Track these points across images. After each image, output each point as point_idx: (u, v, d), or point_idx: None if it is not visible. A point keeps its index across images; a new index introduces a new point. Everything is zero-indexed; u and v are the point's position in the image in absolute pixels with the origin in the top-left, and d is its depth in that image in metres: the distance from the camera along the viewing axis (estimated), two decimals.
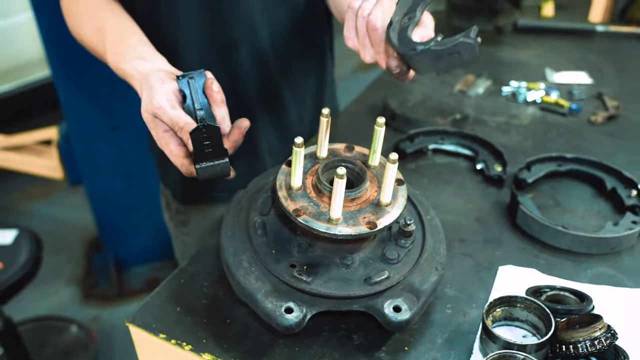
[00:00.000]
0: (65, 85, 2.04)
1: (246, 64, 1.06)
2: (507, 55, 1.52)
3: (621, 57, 1.49)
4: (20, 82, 2.93)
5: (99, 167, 2.22)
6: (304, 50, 1.15)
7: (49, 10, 1.88)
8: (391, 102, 1.24)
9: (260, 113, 1.13)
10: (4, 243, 1.75)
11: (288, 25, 1.08)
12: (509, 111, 1.26)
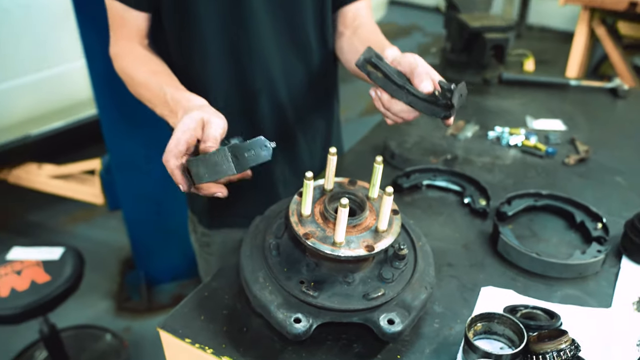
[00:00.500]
0: (109, 123, 2.08)
1: (265, 110, 1.10)
2: (493, 104, 1.54)
3: (591, 107, 1.50)
4: (72, 119, 2.98)
5: (134, 195, 2.25)
6: (315, 98, 1.18)
7: (99, 59, 1.94)
8: (391, 143, 1.27)
9: (277, 151, 1.16)
10: (52, 259, 1.77)
11: (302, 77, 1.12)
12: (494, 153, 1.28)
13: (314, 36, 1.10)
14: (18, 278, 1.71)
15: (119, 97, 2.01)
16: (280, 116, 1.12)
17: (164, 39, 1.07)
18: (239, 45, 1.02)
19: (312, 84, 1.15)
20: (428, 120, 1.41)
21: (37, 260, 1.78)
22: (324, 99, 1.22)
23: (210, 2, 0.98)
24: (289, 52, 1.07)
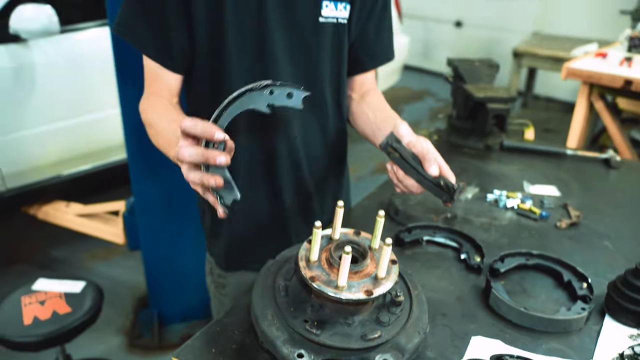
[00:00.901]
0: (136, 167, 2.18)
1: (284, 165, 1.17)
2: (493, 168, 1.60)
3: (585, 176, 1.56)
4: (100, 162, 3.09)
5: (154, 236, 2.32)
6: (328, 156, 1.26)
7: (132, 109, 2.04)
8: (396, 200, 1.33)
9: (291, 204, 1.23)
10: (74, 291, 1.83)
11: (318, 136, 1.21)
12: (491, 214, 1.34)
13: (331, 99, 1.19)
14: (41, 308, 1.76)
15: (147, 145, 2.10)
16: (296, 171, 1.20)
17: (194, 95, 1.17)
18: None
19: (326, 142, 1.23)
20: None
21: (60, 292, 1.84)
22: (337, 156, 1.30)
23: (241, 67, 1.07)
24: (307, 113, 1.16)
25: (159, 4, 1.02)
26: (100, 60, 2.89)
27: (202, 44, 1.07)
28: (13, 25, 2.55)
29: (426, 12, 6.62)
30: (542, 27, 5.71)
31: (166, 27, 1.04)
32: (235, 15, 1.04)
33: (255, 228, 1.23)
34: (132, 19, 1.05)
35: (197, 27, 1.05)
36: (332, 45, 1.14)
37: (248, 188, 1.18)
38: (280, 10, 1.06)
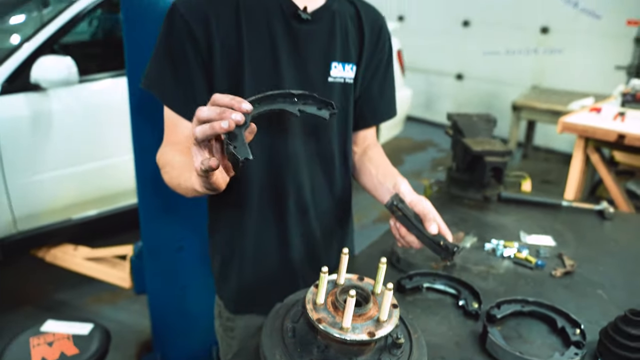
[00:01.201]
0: (147, 212, 2.24)
1: (292, 212, 1.24)
2: (491, 219, 1.66)
3: (580, 226, 1.61)
4: (110, 207, 3.16)
5: (162, 280, 2.35)
6: (334, 205, 1.33)
7: (147, 156, 2.13)
8: (397, 249, 1.38)
9: (299, 251, 1.29)
10: (82, 333, 1.87)
11: (325, 187, 1.28)
12: (489, 262, 1.39)
13: (338, 153, 1.28)
14: (49, 349, 1.79)
15: (158, 190, 2.18)
16: (304, 219, 1.26)
17: None
18: (276, 156, 1.19)
19: (333, 192, 1.31)
20: None
21: (68, 334, 1.87)
22: (342, 206, 1.37)
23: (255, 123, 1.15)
24: (315, 165, 1.24)
25: (184, 63, 1.11)
26: (113, 109, 3.00)
27: None
28: (34, 76, 2.66)
29: (428, 65, 6.82)
30: (541, 81, 5.87)
31: (189, 83, 1.13)
32: (253, 73, 1.13)
33: (264, 273, 1.29)
34: (158, 75, 1.14)
35: (218, 83, 1.14)
36: (340, 103, 1.23)
37: (258, 234, 1.25)
38: (293, 69, 1.16)
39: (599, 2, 5.33)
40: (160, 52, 1.13)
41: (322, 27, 1.18)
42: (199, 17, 1.10)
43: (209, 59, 1.12)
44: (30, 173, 2.78)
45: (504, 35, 6.07)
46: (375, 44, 1.28)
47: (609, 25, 5.30)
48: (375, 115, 1.35)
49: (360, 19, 1.25)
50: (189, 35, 1.10)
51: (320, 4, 1.18)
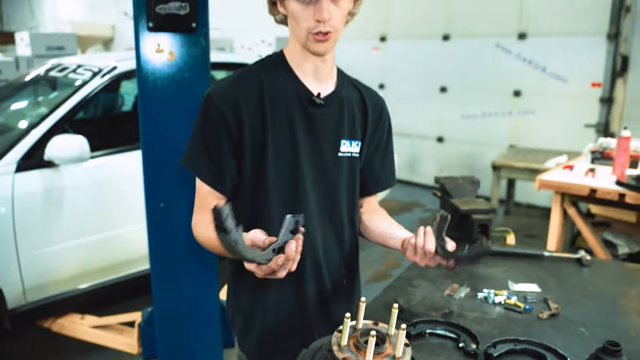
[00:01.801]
0: (159, 279, 2.36)
1: (308, 270, 1.40)
2: (481, 271, 1.81)
3: (561, 274, 1.77)
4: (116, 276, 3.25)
5: (172, 345, 2.44)
6: (344, 265, 1.50)
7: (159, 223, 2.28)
8: (400, 301, 1.52)
9: (313, 305, 1.44)
10: None
11: (336, 247, 1.45)
12: (482, 309, 1.53)
13: (346, 218, 1.45)
14: None
15: (171, 259, 2.32)
16: (318, 276, 1.42)
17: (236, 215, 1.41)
18: None
19: (342, 253, 1.47)
20: (429, 285, 1.68)
21: None
22: (350, 264, 1.53)
23: (277, 194, 1.33)
24: (327, 230, 1.42)
25: (217, 146, 1.31)
26: (121, 182, 3.16)
27: (247, 175, 1.34)
28: (48, 153, 2.83)
29: (410, 129, 7.12)
30: (517, 140, 6.18)
31: (220, 162, 1.32)
32: (275, 151, 1.33)
33: (284, 326, 1.43)
34: (195, 155, 1.34)
35: (245, 158, 1.33)
36: (348, 174, 1.43)
37: (278, 293, 1.40)
38: (309, 146, 1.36)
39: (565, 67, 5.72)
40: (197, 135, 1.33)
41: (333, 110, 1.38)
42: (230, 103, 1.30)
43: (238, 137, 1.31)
44: (41, 245, 2.89)
45: (480, 99, 6.43)
46: (377, 123, 1.49)
47: (575, 87, 5.67)
48: (377, 185, 1.55)
49: (364, 102, 1.46)
50: (222, 121, 1.29)
51: (331, 90, 1.39)
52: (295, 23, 1.27)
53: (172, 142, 2.20)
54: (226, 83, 1.34)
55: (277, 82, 1.34)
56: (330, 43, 1.28)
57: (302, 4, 1.24)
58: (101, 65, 3.37)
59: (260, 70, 1.36)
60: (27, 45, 7.23)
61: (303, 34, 1.27)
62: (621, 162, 2.90)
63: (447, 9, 6.58)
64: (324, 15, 1.22)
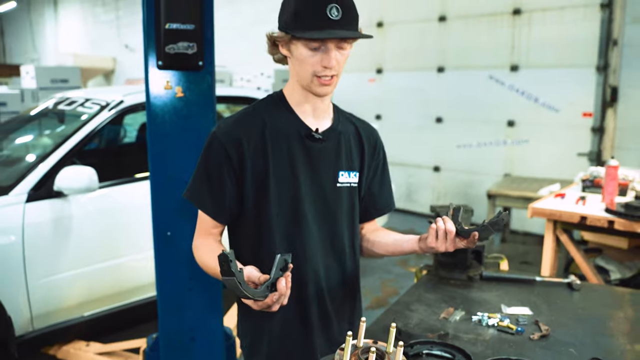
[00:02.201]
0: (165, 305, 2.43)
1: (311, 295, 1.49)
2: (475, 295, 1.88)
3: (552, 297, 1.84)
4: (121, 303, 3.31)
5: None
6: (345, 288, 1.59)
7: (164, 252, 2.36)
8: (398, 323, 1.60)
9: (317, 326, 1.53)
10: None
11: (338, 273, 1.55)
12: (476, 331, 1.60)
13: (347, 244, 1.55)
14: None
15: (177, 285, 2.39)
16: (320, 299, 1.51)
17: (238, 243, 1.50)
18: (299, 252, 1.46)
19: (344, 277, 1.57)
20: (426, 309, 1.76)
21: None
22: (351, 288, 1.62)
23: (279, 223, 1.43)
24: (329, 256, 1.52)
25: (218, 180, 1.42)
26: (127, 211, 3.25)
27: (250, 207, 1.45)
28: (58, 184, 2.92)
29: (407, 159, 7.25)
30: (512, 169, 6.30)
31: (222, 195, 1.43)
32: (277, 184, 1.43)
33: (288, 345, 1.51)
34: (197, 189, 1.45)
35: (247, 192, 1.43)
36: (347, 204, 1.53)
37: (283, 314, 1.47)
38: (309, 179, 1.46)
39: (556, 98, 5.88)
40: (200, 171, 1.44)
41: (330, 144, 1.49)
42: (234, 141, 1.41)
43: (240, 173, 1.42)
44: (49, 273, 2.96)
45: (475, 129, 6.57)
46: (372, 154, 1.60)
47: (567, 117, 5.82)
48: (377, 210, 1.67)
49: (360, 135, 1.57)
50: (224, 157, 1.41)
51: (328, 125, 1.51)
52: (301, 66, 1.36)
53: (179, 174, 2.31)
54: (231, 122, 1.44)
55: (278, 120, 1.44)
56: (332, 86, 1.38)
57: (310, 51, 1.32)
58: (108, 99, 3.50)
59: (262, 109, 1.46)
60: (32, 78, 7.40)
61: (308, 77, 1.36)
62: (610, 190, 3.00)
63: (441, 42, 6.78)
64: (331, 63, 1.31)
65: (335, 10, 1.28)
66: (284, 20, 1.34)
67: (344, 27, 1.29)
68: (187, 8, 2.13)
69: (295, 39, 1.32)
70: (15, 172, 3.08)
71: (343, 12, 1.28)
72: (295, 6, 1.30)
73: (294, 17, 1.30)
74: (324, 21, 1.27)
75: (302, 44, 1.32)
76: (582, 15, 5.60)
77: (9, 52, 19.18)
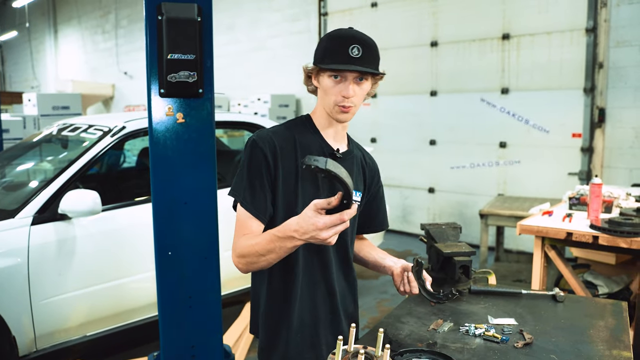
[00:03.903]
0: (165, 325, 2.50)
1: (323, 294, 1.72)
2: (464, 307, 1.96)
3: (536, 309, 1.93)
4: (122, 323, 3.38)
5: None
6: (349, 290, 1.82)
7: (166, 270, 2.44)
8: (389, 334, 1.69)
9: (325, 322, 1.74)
10: None
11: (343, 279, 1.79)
12: (464, 340, 1.68)
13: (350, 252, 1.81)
14: None
15: (176, 304, 2.47)
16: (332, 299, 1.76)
17: None
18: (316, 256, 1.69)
19: (348, 284, 1.81)
20: (416, 321, 1.84)
21: None
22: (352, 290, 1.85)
23: None
24: (338, 265, 1.77)
25: (259, 181, 1.59)
26: (129, 233, 3.34)
27: (280, 211, 1.63)
28: (62, 207, 3.02)
29: (403, 181, 7.36)
30: (505, 189, 6.41)
31: (262, 194, 1.60)
32: (302, 194, 1.64)
33: (302, 340, 1.71)
34: (240, 187, 1.61)
35: (278, 200, 1.63)
36: (353, 219, 1.76)
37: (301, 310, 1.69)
38: (328, 192, 1.67)
39: (546, 119, 6.03)
40: (243, 174, 1.61)
41: (347, 164, 1.72)
42: (272, 147, 1.60)
43: (275, 178, 1.61)
44: (52, 294, 3.03)
45: (468, 151, 6.70)
46: (372, 179, 1.86)
47: (557, 138, 5.96)
48: (370, 228, 1.92)
49: (365, 161, 1.83)
50: (264, 161, 1.59)
51: (345, 149, 1.76)
52: (325, 95, 1.61)
53: (179, 195, 2.41)
54: (268, 133, 1.64)
55: (306, 137, 1.68)
56: (350, 114, 1.61)
57: (333, 81, 1.57)
58: (110, 125, 3.61)
59: (292, 127, 1.70)
60: (34, 105, 7.54)
61: (331, 104, 1.60)
62: (594, 207, 3.11)
63: (433, 66, 6.95)
64: (349, 93, 1.55)
65: (356, 50, 1.53)
66: (316, 55, 1.61)
67: (363, 65, 1.54)
68: (187, 39, 2.25)
69: (322, 70, 1.58)
70: (21, 195, 3.18)
71: (363, 52, 1.54)
72: (326, 44, 1.58)
73: (323, 53, 1.57)
74: (346, 58, 1.53)
75: (327, 75, 1.57)
76: (568, 39, 5.78)
77: (9, 79, 19.42)
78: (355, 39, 1.55)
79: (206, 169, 2.44)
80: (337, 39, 1.57)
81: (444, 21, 6.81)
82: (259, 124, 4.38)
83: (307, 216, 1.32)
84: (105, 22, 13.98)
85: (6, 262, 2.85)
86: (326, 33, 1.63)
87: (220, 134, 6.34)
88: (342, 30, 1.60)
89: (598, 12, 5.55)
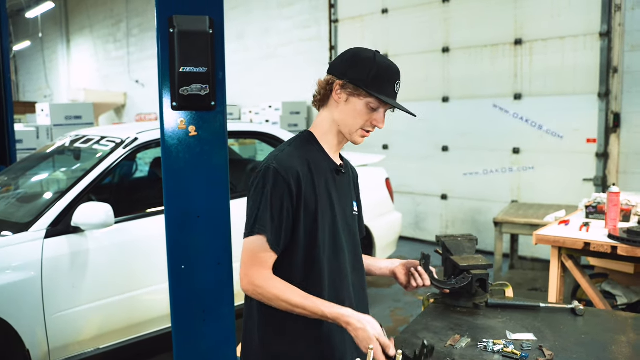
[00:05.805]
0: (179, 337, 2.49)
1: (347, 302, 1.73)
2: (481, 322, 1.93)
3: (556, 323, 1.89)
4: (135, 335, 3.38)
5: None
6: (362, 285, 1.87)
7: (180, 284, 2.43)
8: (405, 351, 1.66)
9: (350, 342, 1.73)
10: None
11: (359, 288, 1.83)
12: (482, 357, 1.64)
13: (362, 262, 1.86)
14: None
15: (190, 317, 2.46)
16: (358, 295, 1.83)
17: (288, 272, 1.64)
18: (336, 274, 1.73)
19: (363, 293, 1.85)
20: (433, 336, 1.81)
21: None
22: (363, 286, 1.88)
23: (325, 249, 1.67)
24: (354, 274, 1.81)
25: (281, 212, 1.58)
26: (142, 245, 3.34)
27: (301, 236, 1.63)
28: (75, 220, 3.03)
29: (415, 188, 7.32)
30: (519, 195, 6.35)
31: (282, 227, 1.59)
32: (322, 216, 1.66)
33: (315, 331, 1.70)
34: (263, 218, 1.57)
35: (300, 225, 1.62)
36: (355, 229, 1.82)
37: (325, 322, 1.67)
38: (339, 207, 1.73)
39: (560, 124, 5.97)
40: (262, 203, 1.57)
41: (346, 178, 1.80)
42: (294, 174, 1.59)
43: (297, 205, 1.61)
44: (66, 307, 3.04)
45: (481, 157, 6.65)
46: (358, 187, 1.93)
47: (571, 143, 5.89)
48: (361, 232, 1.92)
49: (354, 173, 1.91)
50: (287, 189, 1.58)
51: (341, 162, 1.79)
52: (353, 117, 1.64)
53: (192, 208, 2.41)
54: (285, 157, 1.62)
55: (314, 157, 1.69)
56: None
57: (368, 109, 1.63)
58: (123, 136, 3.62)
59: (300, 147, 1.69)
60: (47, 116, 7.61)
61: (355, 127, 1.66)
62: (612, 217, 3.06)
63: (445, 72, 6.92)
64: (382, 125, 1.67)
65: (398, 86, 1.65)
66: (360, 77, 1.60)
67: (396, 99, 1.66)
68: (199, 52, 2.25)
69: (364, 95, 1.61)
70: (34, 208, 3.20)
71: (399, 88, 1.66)
72: (378, 71, 1.60)
73: (373, 80, 1.59)
74: (392, 92, 1.63)
75: (365, 101, 1.61)
76: (582, 44, 5.73)
77: (22, 89, 19.65)
78: (399, 75, 1.64)
79: (219, 182, 2.44)
80: (387, 70, 1.62)
81: (456, 27, 6.78)
82: (270, 134, 4.38)
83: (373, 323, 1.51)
84: (117, 31, 14.12)
85: (20, 275, 2.86)
86: (370, 57, 1.62)
87: (231, 142, 6.35)
88: (388, 61, 1.65)
89: (612, 16, 5.50)
